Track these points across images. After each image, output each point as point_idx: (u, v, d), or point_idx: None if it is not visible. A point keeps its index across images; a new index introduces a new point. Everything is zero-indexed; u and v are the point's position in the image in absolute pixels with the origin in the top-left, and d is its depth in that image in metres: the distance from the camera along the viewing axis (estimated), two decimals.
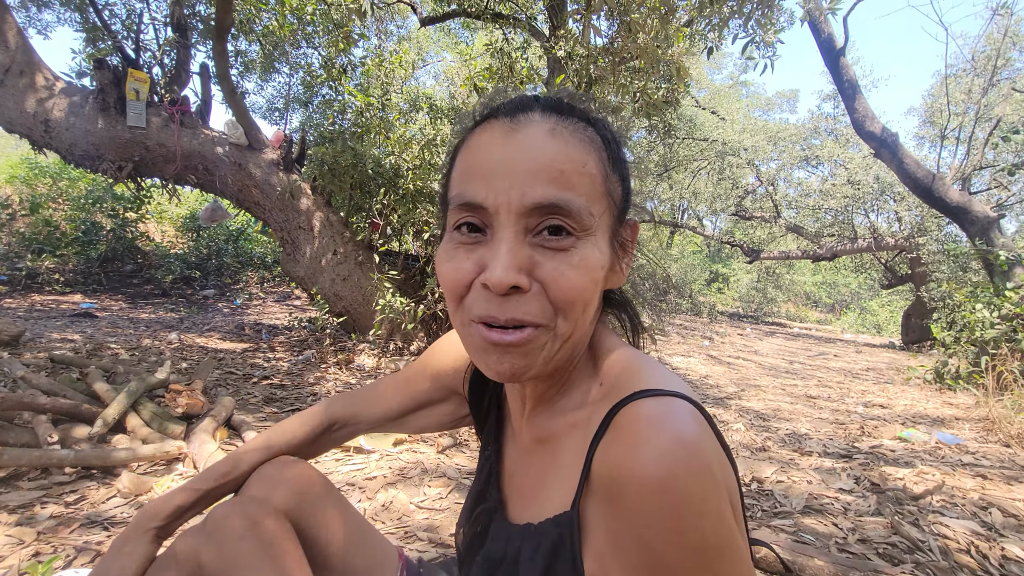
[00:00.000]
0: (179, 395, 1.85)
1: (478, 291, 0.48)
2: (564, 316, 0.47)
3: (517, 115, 0.50)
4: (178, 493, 0.76)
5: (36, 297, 5.38)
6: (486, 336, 0.48)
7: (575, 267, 0.47)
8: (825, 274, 18.09)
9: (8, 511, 1.35)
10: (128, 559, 0.68)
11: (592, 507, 0.46)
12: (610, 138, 0.52)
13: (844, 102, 6.91)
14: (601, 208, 0.49)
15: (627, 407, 0.45)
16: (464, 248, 0.49)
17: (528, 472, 0.60)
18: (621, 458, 0.42)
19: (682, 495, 0.38)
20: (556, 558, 0.48)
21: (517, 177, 0.46)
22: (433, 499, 1.63)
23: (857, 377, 5.39)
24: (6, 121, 3.98)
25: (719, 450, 0.43)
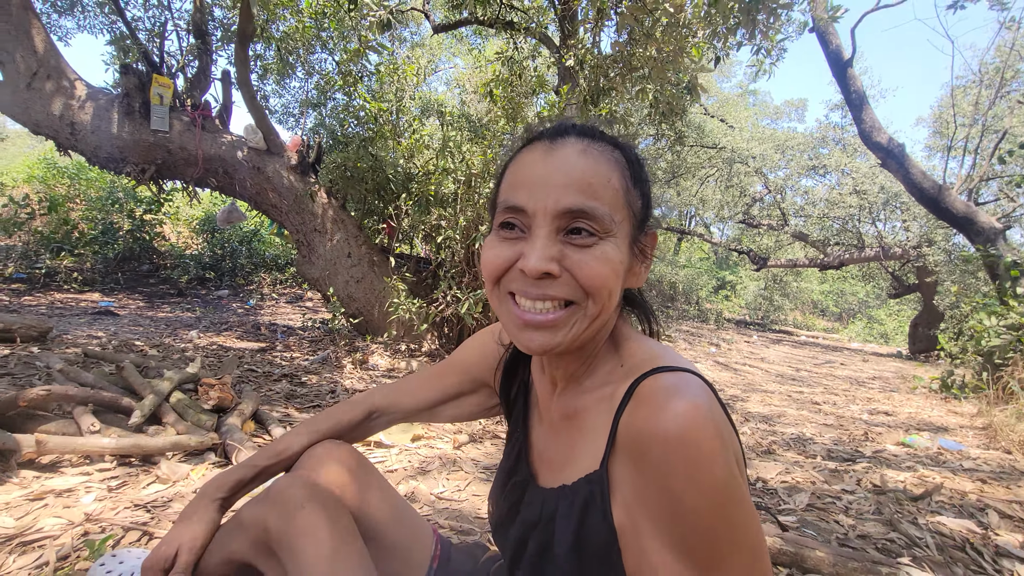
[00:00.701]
0: (211, 388, 1.95)
1: (515, 274, 0.58)
2: (593, 298, 0.57)
3: (556, 138, 0.60)
4: (239, 469, 0.84)
5: (55, 295, 5.52)
6: (520, 315, 0.58)
7: (597, 258, 0.56)
8: (833, 283, 18.05)
9: (55, 495, 1.44)
10: (198, 525, 0.77)
11: (618, 465, 0.55)
12: (634, 160, 0.62)
13: (851, 112, 6.96)
14: (621, 216, 0.58)
15: (647, 380, 0.55)
16: (506, 242, 0.60)
17: (557, 445, 0.68)
18: (643, 421, 0.51)
19: (697, 449, 0.47)
20: (588, 511, 0.57)
21: (553, 187, 0.56)
22: (452, 491, 1.71)
23: (863, 385, 5.43)
24: (33, 123, 4.11)
25: (724, 417, 0.52)
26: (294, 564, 0.69)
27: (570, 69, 4.78)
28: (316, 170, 4.45)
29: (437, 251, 4.20)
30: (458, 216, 3.80)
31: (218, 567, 0.76)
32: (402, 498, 0.92)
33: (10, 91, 3.94)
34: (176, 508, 1.43)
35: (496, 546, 0.80)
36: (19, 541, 1.20)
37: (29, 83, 3.93)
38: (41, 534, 1.24)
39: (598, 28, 4.55)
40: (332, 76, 7.34)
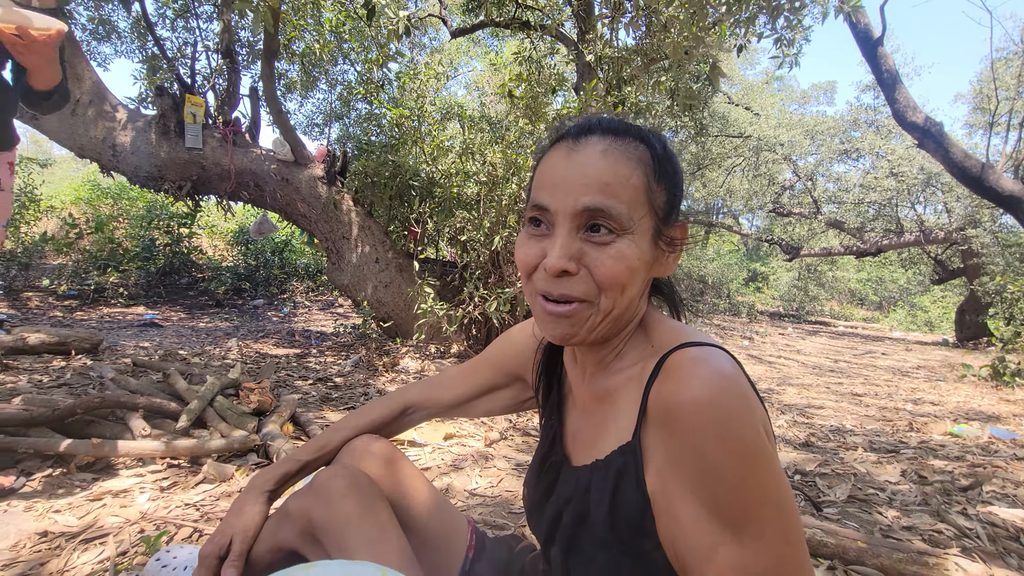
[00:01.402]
0: (251, 392, 2.03)
1: (541, 272, 0.62)
2: (605, 295, 0.59)
3: (579, 137, 0.63)
4: (284, 463, 0.88)
5: (104, 309, 5.80)
6: (544, 307, 0.62)
7: (612, 257, 0.58)
8: (871, 270, 17.37)
9: (113, 495, 1.52)
10: (248, 516, 0.82)
11: (650, 435, 0.57)
12: (660, 154, 0.63)
13: (884, 93, 6.72)
14: (641, 214, 0.60)
15: (675, 354, 0.57)
16: (534, 238, 0.63)
17: (590, 426, 0.70)
18: (673, 390, 0.54)
19: (724, 410, 0.50)
20: (622, 480, 0.59)
21: (573, 188, 0.59)
22: (485, 487, 1.73)
23: (907, 375, 5.22)
24: (78, 147, 4.34)
25: (750, 386, 0.54)
26: (338, 552, 0.72)
27: (589, 64, 4.77)
28: (342, 179, 4.56)
29: (462, 253, 4.25)
30: (482, 218, 3.83)
31: (267, 554, 0.80)
32: (437, 490, 0.94)
33: (57, 118, 4.17)
34: (223, 506, 1.49)
35: (531, 531, 0.82)
36: (82, 538, 1.28)
37: (73, 110, 4.16)
38: (102, 531, 1.31)
39: (615, 21, 4.52)
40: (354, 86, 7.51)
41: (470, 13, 6.38)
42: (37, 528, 1.29)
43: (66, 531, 1.30)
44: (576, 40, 5.43)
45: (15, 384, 2.33)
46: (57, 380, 2.48)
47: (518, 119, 4.10)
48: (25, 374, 2.55)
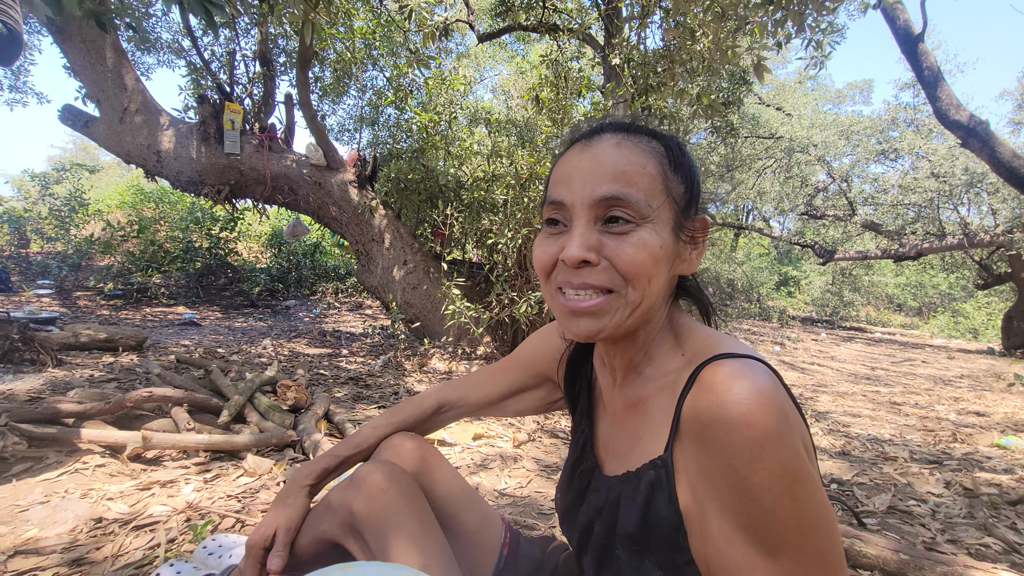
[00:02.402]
0: (288, 390, 2.09)
1: (560, 266, 0.61)
2: (632, 285, 0.58)
3: (593, 136, 0.64)
4: (324, 458, 0.92)
5: (147, 308, 6.05)
6: (565, 304, 0.61)
7: (633, 245, 0.57)
8: (910, 274, 16.70)
9: (160, 485, 1.60)
10: (291, 509, 0.85)
11: (683, 450, 0.56)
12: (674, 147, 0.63)
13: (925, 90, 6.47)
14: (659, 202, 0.59)
15: (710, 366, 0.55)
16: (552, 237, 0.63)
17: (621, 435, 0.70)
18: (708, 405, 0.52)
19: (762, 430, 0.48)
20: (653, 494, 0.58)
21: (588, 179, 0.59)
22: (514, 487, 1.74)
23: (949, 384, 5.01)
24: (125, 153, 4.55)
25: (790, 402, 0.52)
26: (378, 544, 0.74)
27: (615, 68, 4.75)
28: (372, 182, 4.65)
29: (489, 255, 4.29)
30: (508, 220, 3.86)
31: (310, 545, 0.83)
32: (471, 487, 0.96)
33: (106, 126, 4.39)
34: (263, 498, 1.55)
35: (564, 535, 0.82)
36: (133, 525, 1.34)
37: (121, 118, 4.37)
38: (151, 519, 1.38)
39: (643, 25, 4.50)
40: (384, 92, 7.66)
41: (497, 18, 6.43)
42: (92, 514, 1.37)
43: (118, 518, 1.37)
44: (603, 44, 5.42)
45: (69, 378, 2.46)
46: (107, 375, 2.61)
47: (545, 121, 4.11)
48: (77, 369, 2.69)
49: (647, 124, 0.66)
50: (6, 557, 1.15)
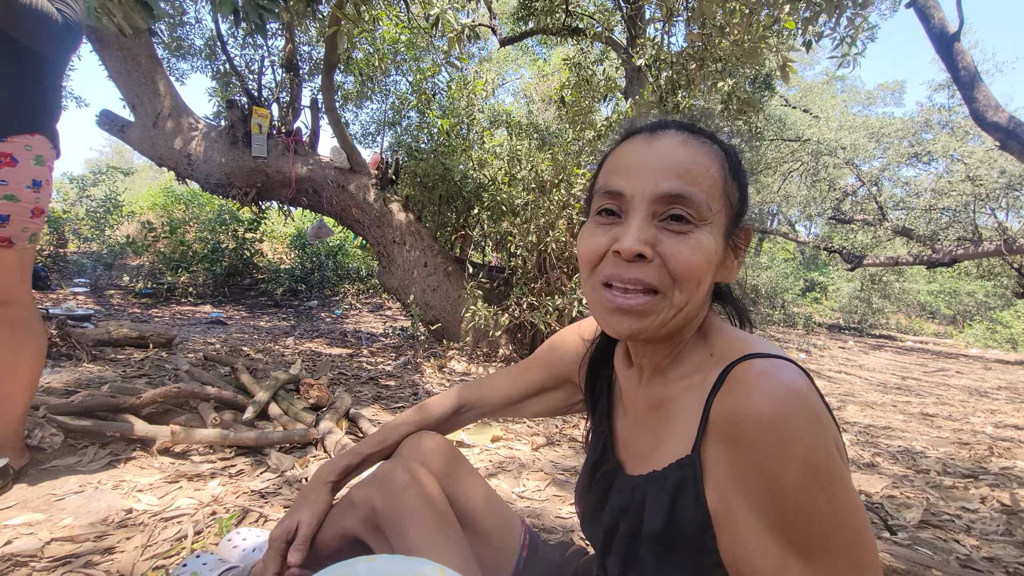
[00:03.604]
0: (311, 388, 2.13)
1: (610, 258, 0.60)
2: (680, 288, 0.57)
3: (656, 131, 0.63)
4: (347, 456, 0.93)
5: (176, 307, 6.23)
6: (611, 300, 0.59)
7: (691, 247, 0.57)
8: (944, 281, 16.14)
9: (188, 479, 1.64)
10: (314, 505, 0.86)
11: (711, 449, 0.55)
12: (733, 154, 0.63)
13: (960, 91, 6.27)
14: (719, 206, 0.59)
15: (740, 365, 0.54)
16: (603, 228, 0.62)
17: (644, 435, 0.69)
18: (737, 404, 0.51)
19: (793, 429, 0.47)
20: (680, 495, 0.57)
21: (652, 172, 0.58)
22: (532, 491, 1.74)
23: (986, 396, 4.82)
24: (158, 157, 4.70)
25: (822, 403, 0.51)
26: (399, 540, 0.75)
27: (639, 69, 4.72)
28: (394, 185, 4.71)
29: (509, 259, 4.30)
30: (529, 223, 3.86)
31: (333, 540, 0.84)
32: (491, 488, 0.96)
33: (140, 131, 4.55)
34: (285, 494, 1.58)
35: (586, 538, 0.82)
36: (162, 516, 1.38)
37: (154, 123, 4.51)
38: (179, 512, 1.42)
39: (668, 26, 4.46)
40: (407, 96, 7.75)
41: (519, 22, 6.46)
42: (123, 505, 1.41)
43: (148, 509, 1.41)
44: (626, 45, 5.40)
45: (103, 373, 2.55)
46: (138, 371, 2.69)
47: (567, 124, 4.11)
48: (110, 364, 2.78)
49: (707, 126, 0.65)
50: (43, 544, 1.20)
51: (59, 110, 1.48)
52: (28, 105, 1.36)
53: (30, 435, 1.65)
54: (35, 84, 1.37)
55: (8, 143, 1.32)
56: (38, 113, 1.38)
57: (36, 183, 1.38)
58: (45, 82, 1.39)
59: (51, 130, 1.42)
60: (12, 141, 1.32)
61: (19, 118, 1.34)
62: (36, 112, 1.38)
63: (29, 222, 1.37)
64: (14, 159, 1.32)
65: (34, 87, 1.37)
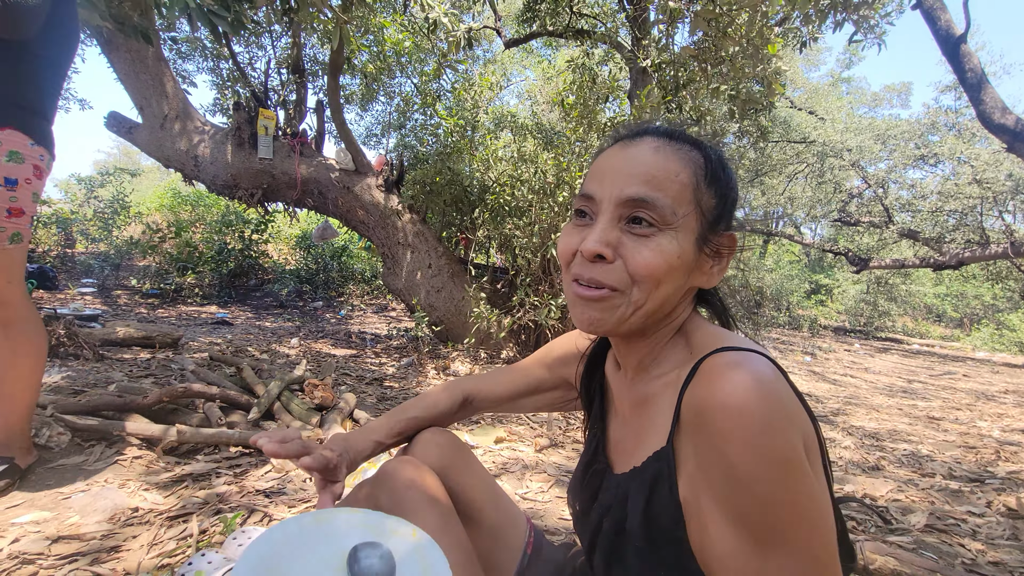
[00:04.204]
0: (316, 389, 2.14)
1: (578, 257, 0.63)
2: (638, 287, 0.59)
3: (635, 137, 0.65)
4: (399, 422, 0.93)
5: (182, 307, 6.26)
6: (575, 291, 0.63)
7: (651, 249, 0.59)
8: (950, 284, 16.03)
9: (193, 478, 1.65)
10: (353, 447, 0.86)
11: (683, 440, 0.56)
12: (714, 160, 0.64)
13: (967, 93, 6.23)
14: (686, 211, 0.60)
15: (710, 357, 0.55)
16: (577, 228, 0.65)
17: (630, 434, 0.70)
18: (705, 393, 0.52)
19: (755, 417, 0.47)
20: (656, 487, 0.58)
21: (620, 177, 0.61)
22: (535, 492, 1.74)
23: (993, 399, 4.78)
24: (165, 158, 4.74)
25: (791, 395, 0.51)
26: None
27: (644, 71, 4.72)
28: (399, 186, 4.73)
29: (513, 260, 4.30)
30: (533, 225, 3.87)
31: None
32: (498, 485, 0.97)
33: (147, 132, 4.58)
34: (290, 493, 1.59)
35: (577, 537, 0.82)
36: (168, 515, 1.39)
37: (162, 124, 4.55)
38: (184, 511, 1.43)
39: (672, 28, 4.46)
40: (411, 97, 7.79)
41: (524, 23, 6.47)
42: (130, 504, 1.42)
43: (154, 508, 1.42)
44: (630, 47, 5.40)
45: (110, 372, 2.57)
46: (144, 370, 2.71)
47: (569, 127, 4.11)
48: (117, 364, 2.80)
49: (691, 132, 0.66)
50: (50, 542, 1.21)
51: (49, 108, 1.41)
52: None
53: (37, 434, 1.67)
54: (5, 77, 1.29)
55: None
56: (8, 107, 1.29)
57: (10, 181, 1.30)
58: (21, 76, 1.31)
59: (30, 126, 1.34)
60: None
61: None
62: (5, 106, 1.29)
63: (6, 222, 1.31)
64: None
65: (4, 80, 1.29)
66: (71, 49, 1.47)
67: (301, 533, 0.64)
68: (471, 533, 0.83)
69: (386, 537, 0.65)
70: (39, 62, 1.35)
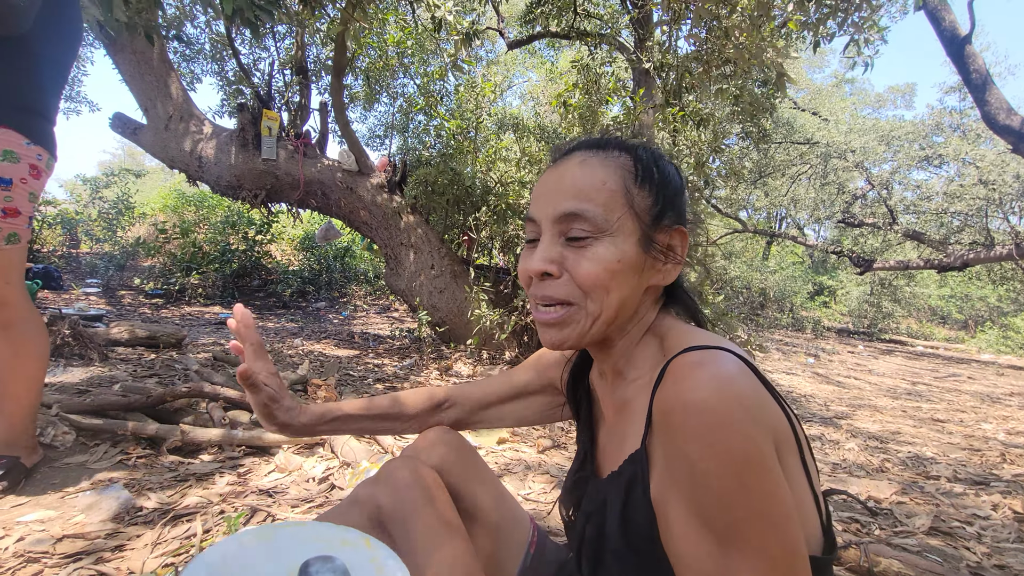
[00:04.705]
0: (319, 389, 2.15)
1: (533, 279, 0.65)
2: (590, 297, 0.61)
3: (563, 156, 0.68)
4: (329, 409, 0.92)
5: (186, 308, 6.29)
6: (536, 315, 0.66)
7: (589, 259, 0.61)
8: (955, 286, 15.95)
9: (196, 478, 1.65)
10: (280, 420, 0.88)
11: (654, 441, 0.56)
12: (644, 160, 0.65)
13: (972, 94, 6.21)
14: (618, 215, 0.62)
15: (678, 358, 0.55)
16: (529, 251, 0.68)
17: (613, 439, 0.71)
18: (669, 393, 0.52)
19: (715, 415, 0.47)
20: (632, 490, 0.59)
21: (551, 196, 0.64)
22: (538, 493, 1.74)
23: (998, 402, 4.76)
24: (169, 159, 4.76)
25: (758, 390, 0.51)
26: (404, 538, 0.76)
27: (646, 72, 4.72)
28: (402, 187, 4.73)
29: (515, 261, 4.30)
30: None
31: None
32: (501, 484, 0.97)
33: (152, 133, 4.61)
34: (292, 493, 1.59)
35: (568, 544, 0.83)
36: (172, 515, 1.40)
37: (166, 125, 4.57)
38: (188, 510, 1.43)
39: (675, 28, 4.46)
40: (414, 98, 7.80)
41: (527, 24, 6.48)
42: (134, 503, 1.42)
43: (158, 507, 1.43)
44: (633, 48, 5.40)
45: (114, 372, 2.58)
46: (148, 370, 2.72)
47: (571, 128, 4.12)
48: (121, 364, 2.81)
49: (620, 138, 0.69)
50: (55, 540, 1.21)
51: (50, 107, 1.40)
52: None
53: (42, 433, 1.68)
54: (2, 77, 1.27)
55: None
56: (5, 107, 1.28)
57: (4, 180, 1.28)
58: (17, 74, 1.29)
59: (27, 125, 1.32)
60: None
61: None
62: (2, 105, 1.27)
63: (1, 223, 1.30)
64: None
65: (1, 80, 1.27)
66: (73, 48, 1.46)
67: (242, 553, 0.60)
68: (474, 532, 0.83)
69: (338, 549, 0.63)
70: (38, 60, 1.34)
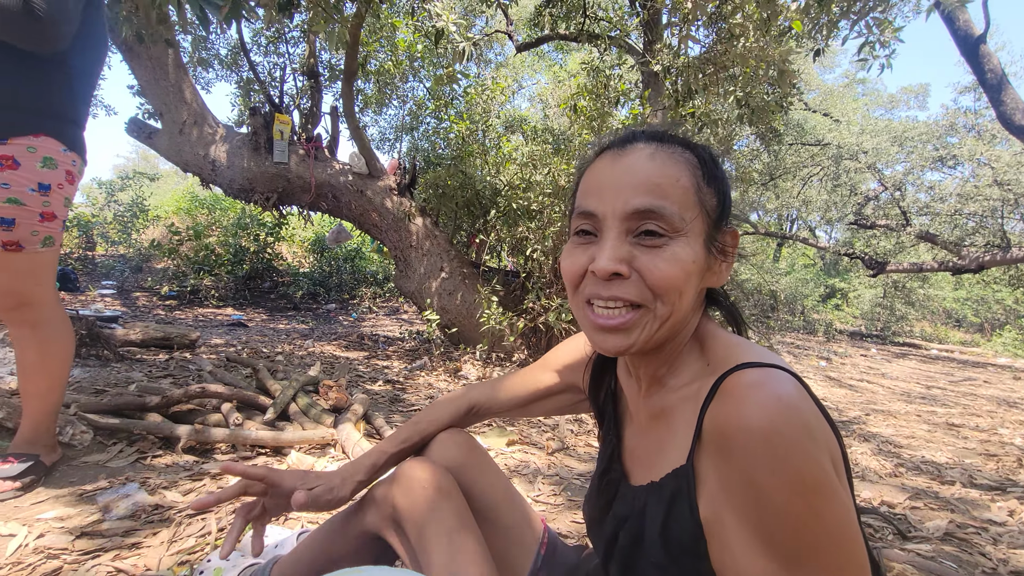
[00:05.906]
0: (330, 390, 2.17)
1: (590, 277, 0.61)
2: (662, 300, 0.58)
3: (625, 145, 0.63)
4: (372, 455, 0.94)
5: (199, 309, 6.37)
6: (595, 319, 0.61)
7: (666, 260, 0.57)
8: (971, 288, 15.68)
9: (210, 477, 1.68)
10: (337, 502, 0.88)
11: (704, 459, 0.55)
12: (707, 159, 0.63)
13: (987, 95, 6.12)
14: (693, 215, 0.59)
15: (733, 375, 0.54)
16: (581, 247, 0.63)
17: (647, 445, 0.69)
18: (728, 415, 0.51)
19: (782, 441, 0.46)
20: (675, 504, 0.58)
21: (621, 190, 0.59)
22: (547, 495, 1.74)
23: (1015, 406, 4.67)
24: (184, 163, 4.83)
25: (816, 412, 0.50)
26: (418, 538, 0.77)
27: (656, 75, 4.71)
28: (412, 190, 4.76)
29: (524, 263, 4.31)
30: (546, 227, 3.88)
31: (355, 537, 0.86)
32: (512, 486, 0.98)
33: (167, 138, 4.68)
34: None
35: (592, 544, 0.83)
36: (187, 513, 1.42)
37: (181, 130, 4.64)
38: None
39: (685, 31, 4.45)
40: (424, 101, 7.85)
41: (536, 27, 6.50)
42: (150, 501, 1.45)
43: (173, 505, 1.45)
44: (642, 51, 5.39)
45: (130, 373, 2.62)
46: (163, 371, 2.77)
47: (581, 131, 4.12)
48: (136, 364, 2.86)
49: (680, 134, 0.65)
50: (74, 537, 1.24)
51: (81, 115, 1.45)
52: (29, 107, 1.32)
53: (61, 432, 1.71)
54: (39, 86, 1.33)
55: (8, 145, 1.29)
56: (42, 115, 1.34)
57: (43, 186, 1.34)
58: (54, 85, 1.35)
59: (63, 133, 1.38)
60: (13, 143, 1.29)
61: (19, 120, 1.31)
62: (39, 114, 1.34)
63: (39, 226, 1.35)
64: (16, 161, 1.29)
65: (38, 89, 1.33)
66: (100, 58, 1.53)
67: None
68: (486, 532, 0.84)
69: None
70: (71, 71, 1.40)
